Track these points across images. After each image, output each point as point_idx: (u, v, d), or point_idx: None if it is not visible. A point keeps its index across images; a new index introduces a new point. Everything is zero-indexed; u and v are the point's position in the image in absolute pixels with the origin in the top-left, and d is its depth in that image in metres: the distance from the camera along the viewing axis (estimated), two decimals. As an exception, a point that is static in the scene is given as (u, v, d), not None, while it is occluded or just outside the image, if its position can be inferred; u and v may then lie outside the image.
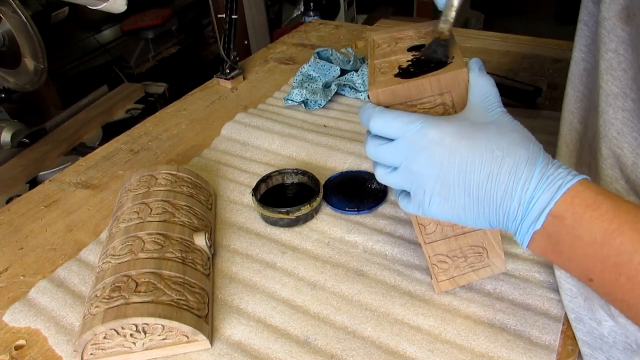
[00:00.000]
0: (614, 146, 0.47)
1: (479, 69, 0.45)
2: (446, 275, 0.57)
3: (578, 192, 0.37)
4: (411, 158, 0.42)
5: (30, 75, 1.04)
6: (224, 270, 0.65)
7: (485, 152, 0.39)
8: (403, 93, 0.45)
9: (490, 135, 0.40)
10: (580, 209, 0.37)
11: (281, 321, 0.57)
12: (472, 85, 0.44)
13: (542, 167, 0.39)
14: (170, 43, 2.50)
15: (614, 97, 0.46)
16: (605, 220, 0.36)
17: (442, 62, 0.46)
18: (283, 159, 0.86)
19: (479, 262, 0.56)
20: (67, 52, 2.04)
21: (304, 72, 1.08)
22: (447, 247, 0.55)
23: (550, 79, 1.03)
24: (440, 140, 0.41)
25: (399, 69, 0.48)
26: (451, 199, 0.42)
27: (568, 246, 0.38)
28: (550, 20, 3.88)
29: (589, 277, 0.38)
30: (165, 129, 1.00)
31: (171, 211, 0.64)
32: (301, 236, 0.69)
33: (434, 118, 0.42)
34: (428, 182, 0.42)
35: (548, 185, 0.38)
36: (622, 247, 0.35)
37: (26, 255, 0.71)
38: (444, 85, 0.45)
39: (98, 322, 0.50)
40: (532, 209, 0.38)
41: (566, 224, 0.37)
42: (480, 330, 0.54)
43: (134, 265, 0.55)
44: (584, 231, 0.36)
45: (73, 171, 0.89)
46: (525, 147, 0.40)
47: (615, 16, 0.45)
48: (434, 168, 0.41)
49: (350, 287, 0.61)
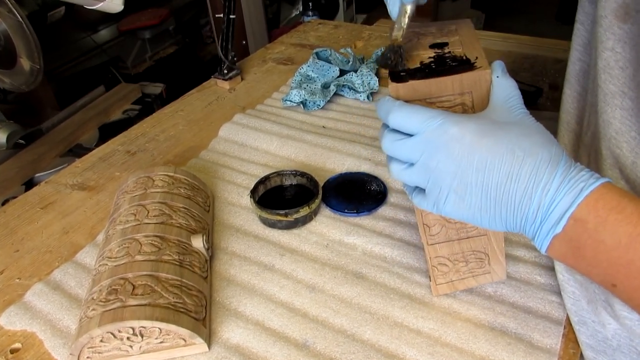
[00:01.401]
0: (612, 146, 0.47)
1: (502, 71, 0.45)
2: (445, 278, 0.57)
3: (601, 194, 0.37)
4: (429, 154, 0.42)
5: (26, 76, 1.04)
6: (222, 273, 0.65)
7: (505, 152, 0.39)
8: (424, 89, 0.46)
9: (512, 135, 0.40)
10: (603, 212, 0.36)
11: (279, 324, 0.57)
12: (494, 86, 0.44)
13: (564, 170, 0.38)
14: (168, 43, 2.50)
15: (611, 95, 0.47)
16: (630, 223, 0.35)
17: (466, 61, 0.46)
18: (281, 161, 0.86)
19: (480, 267, 0.56)
20: (63, 53, 2.04)
21: (302, 72, 1.08)
22: (450, 250, 0.55)
23: (552, 80, 1.03)
24: (461, 138, 0.40)
25: (420, 64, 0.48)
26: (468, 198, 0.41)
27: (590, 251, 0.37)
28: (552, 20, 3.89)
29: (612, 282, 0.37)
30: (162, 130, 1.00)
31: (168, 213, 0.64)
32: (300, 238, 0.69)
33: (456, 115, 0.42)
34: (445, 180, 0.42)
35: (570, 188, 0.37)
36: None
37: (22, 257, 0.71)
38: (466, 85, 0.45)
39: (95, 325, 0.50)
40: (553, 212, 0.38)
41: (588, 227, 0.36)
42: (480, 334, 0.54)
43: (130, 267, 0.55)
44: (608, 235, 0.35)
45: (69, 173, 0.89)
46: (548, 149, 0.39)
47: (612, 14, 0.45)
48: (452, 165, 0.41)
49: (350, 289, 0.61)
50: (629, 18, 0.44)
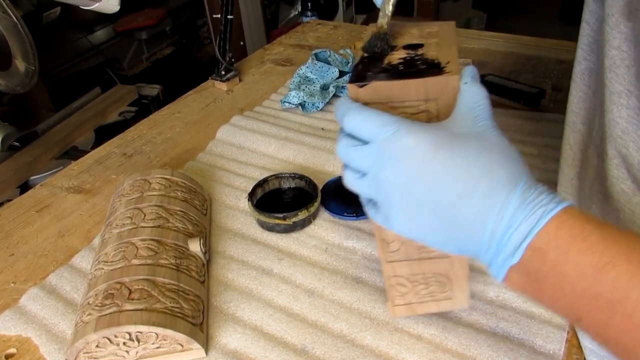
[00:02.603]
0: (619, 145, 0.47)
1: (472, 77, 0.41)
2: (404, 300, 0.53)
3: (563, 221, 0.33)
4: (380, 165, 0.39)
5: (21, 77, 1.04)
6: (220, 277, 0.65)
7: (460, 168, 0.36)
8: (385, 92, 0.42)
9: (469, 150, 0.37)
10: (565, 241, 0.33)
11: (278, 329, 0.57)
12: (461, 93, 0.41)
13: (522, 192, 0.35)
14: (165, 44, 2.50)
15: (617, 95, 0.46)
16: (596, 252, 0.32)
17: (436, 65, 0.43)
18: (280, 163, 0.87)
19: (441, 292, 0.52)
20: (59, 54, 2.05)
21: (301, 73, 1.08)
22: (409, 270, 0.51)
23: (555, 81, 1.03)
24: (414, 149, 0.37)
25: (387, 64, 0.45)
26: (418, 216, 0.38)
27: (552, 283, 0.33)
28: (555, 20, 3.89)
29: (578, 316, 0.34)
30: (159, 132, 1.00)
31: (165, 216, 0.64)
32: (298, 242, 0.69)
33: (412, 123, 0.39)
34: (395, 195, 0.39)
35: (528, 214, 0.34)
36: (617, 283, 0.31)
37: (17, 261, 0.71)
38: (431, 91, 0.42)
39: (90, 330, 0.50)
40: (509, 241, 0.34)
41: (549, 258, 0.33)
42: (482, 339, 0.54)
43: (127, 272, 0.55)
44: (571, 266, 0.32)
45: (65, 175, 0.89)
46: (507, 167, 0.36)
47: (618, 12, 0.45)
48: (403, 180, 0.38)
49: (349, 294, 0.61)
50: (634, 16, 0.44)
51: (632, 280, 0.30)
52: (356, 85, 0.42)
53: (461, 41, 1.29)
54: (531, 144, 0.84)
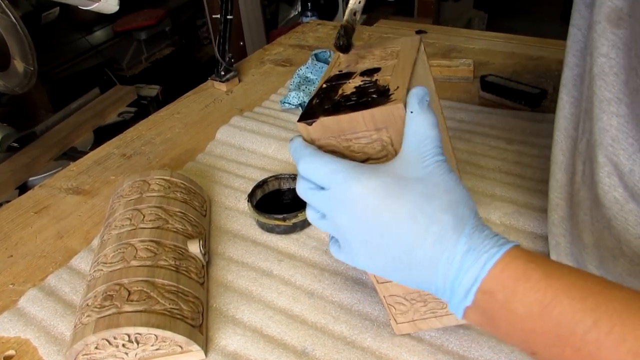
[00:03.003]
0: (610, 154, 0.47)
1: (418, 104, 0.41)
2: (406, 317, 0.53)
3: (506, 264, 0.35)
4: (336, 210, 0.41)
5: (20, 78, 1.04)
6: (219, 279, 0.65)
7: (407, 218, 0.37)
8: (334, 126, 0.42)
9: (415, 197, 0.38)
10: (510, 282, 0.34)
11: (278, 331, 0.57)
12: (407, 125, 0.41)
13: (468, 238, 0.37)
14: (164, 44, 2.51)
15: (607, 102, 0.47)
16: (539, 291, 0.33)
17: (385, 92, 0.43)
18: (280, 164, 0.87)
19: (441, 308, 0.51)
20: (57, 54, 2.05)
21: (301, 74, 1.09)
22: (403, 290, 0.50)
23: (556, 81, 1.03)
24: (364, 199, 0.39)
25: (341, 96, 0.45)
26: (376, 258, 0.40)
27: (504, 321, 0.35)
28: (556, 20, 3.89)
29: (532, 350, 0.35)
30: (158, 133, 1.00)
31: (164, 218, 0.64)
32: (298, 243, 0.69)
33: (360, 169, 0.40)
34: (353, 239, 0.41)
35: (475, 260, 0.36)
36: (562, 318, 0.32)
37: (16, 263, 0.71)
38: (379, 121, 0.41)
39: (89, 331, 0.50)
40: (460, 285, 0.36)
41: (498, 299, 0.35)
42: (483, 341, 0.54)
43: (126, 273, 0.55)
44: (519, 305, 0.34)
45: (64, 176, 0.89)
46: (453, 212, 0.38)
47: (605, 19, 0.45)
48: (357, 226, 0.40)
49: (349, 295, 0.61)
50: (623, 22, 0.44)
51: (575, 315, 0.32)
52: (305, 124, 0.43)
53: (462, 41, 1.29)
54: (532, 145, 0.84)
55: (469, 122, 0.93)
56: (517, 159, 0.81)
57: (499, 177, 0.78)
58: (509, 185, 0.76)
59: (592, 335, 0.31)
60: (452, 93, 1.04)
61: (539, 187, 0.74)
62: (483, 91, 1.00)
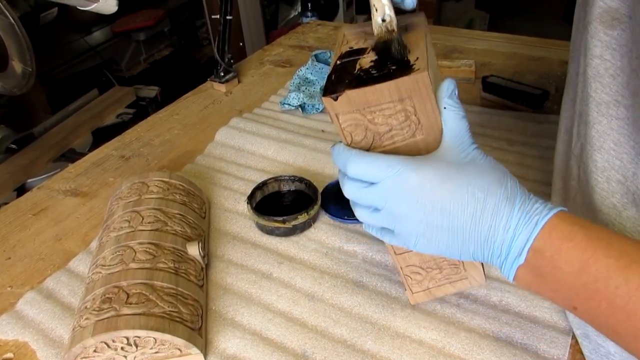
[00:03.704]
0: (612, 157, 0.47)
1: (450, 97, 0.44)
2: (421, 286, 0.56)
3: (554, 225, 0.40)
4: (393, 203, 0.44)
5: (18, 79, 1.04)
6: (218, 281, 0.65)
7: (467, 196, 0.42)
8: (360, 99, 0.44)
9: (470, 177, 0.42)
10: (557, 241, 0.39)
11: (278, 334, 0.57)
12: (444, 121, 0.45)
13: (520, 205, 0.41)
14: (163, 45, 2.51)
15: (605, 105, 0.47)
16: (581, 249, 0.38)
17: (405, 63, 0.44)
18: (279, 166, 0.87)
19: (455, 274, 0.55)
20: (56, 55, 2.05)
21: (301, 75, 1.09)
22: (420, 259, 0.54)
23: (559, 82, 1.03)
24: (422, 186, 0.43)
25: (359, 70, 0.46)
26: (435, 239, 0.44)
27: (550, 277, 0.40)
28: (559, 20, 3.89)
29: (573, 305, 0.40)
30: (157, 135, 1.00)
31: (163, 220, 0.64)
32: (298, 246, 0.69)
33: (413, 160, 0.44)
34: (412, 225, 0.44)
35: (527, 222, 0.40)
36: (598, 274, 0.37)
37: (14, 265, 0.71)
38: (404, 91, 0.43)
39: (88, 334, 0.50)
40: (514, 246, 0.41)
41: (546, 256, 0.40)
42: (485, 344, 0.54)
43: (125, 275, 0.55)
44: (563, 262, 0.39)
45: (62, 178, 0.89)
46: (504, 185, 0.42)
47: (597, 20, 0.45)
48: (418, 213, 0.43)
49: (350, 298, 0.61)
50: (617, 24, 0.44)
51: (609, 272, 0.37)
52: (331, 98, 0.44)
53: (464, 42, 1.29)
54: (534, 146, 0.84)
55: (470, 123, 0.92)
56: (519, 161, 0.82)
57: (501, 178, 0.78)
58: (510, 187, 0.76)
59: (623, 290, 0.36)
60: (454, 94, 1.04)
61: (541, 190, 0.74)
62: (484, 92, 1.00)
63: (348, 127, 0.46)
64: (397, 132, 0.46)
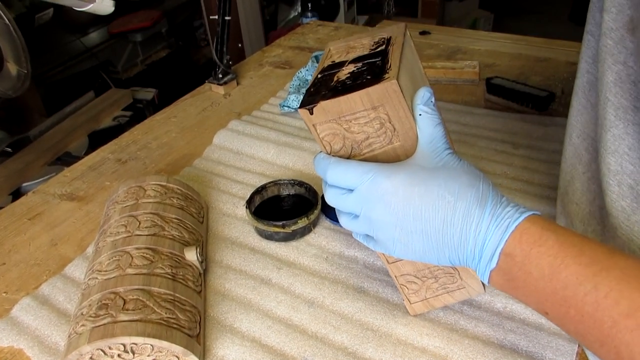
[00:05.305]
0: (625, 162, 0.48)
1: (425, 104, 0.46)
2: (418, 296, 0.57)
3: (525, 229, 0.41)
4: (369, 208, 0.46)
5: (13, 81, 1.05)
6: (217, 287, 0.65)
7: (437, 199, 0.43)
8: (334, 109, 0.46)
9: (440, 180, 0.44)
10: (527, 245, 0.40)
11: (277, 341, 0.58)
12: (418, 127, 0.46)
13: (492, 208, 0.43)
14: (160, 46, 2.52)
15: (624, 110, 0.47)
16: (551, 255, 0.39)
17: (379, 73, 0.47)
18: (279, 169, 0.87)
19: (452, 283, 0.55)
20: (51, 56, 2.06)
21: (301, 76, 1.09)
22: (413, 268, 0.54)
23: (565, 84, 1.04)
24: (394, 191, 0.44)
25: (336, 82, 0.49)
26: (411, 244, 0.45)
27: (521, 282, 0.41)
28: (565, 20, 3.90)
29: (545, 310, 0.41)
30: (154, 138, 1.01)
31: (161, 224, 0.65)
32: (298, 251, 0.70)
33: (388, 166, 0.46)
34: (388, 230, 0.46)
35: (498, 226, 0.42)
36: (567, 280, 0.38)
37: (9, 271, 0.71)
38: (375, 99, 0.45)
39: (84, 341, 0.50)
40: (486, 250, 0.42)
41: (517, 261, 0.41)
42: (489, 352, 0.54)
43: (121, 281, 0.56)
44: (533, 267, 0.40)
45: (58, 182, 0.90)
46: (476, 187, 0.43)
47: (623, 27, 0.46)
48: (391, 217, 0.45)
49: (351, 305, 0.61)
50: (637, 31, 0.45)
51: (579, 278, 0.37)
52: (307, 110, 0.47)
53: (468, 42, 1.30)
54: (540, 150, 0.84)
55: (474, 126, 0.93)
56: (524, 164, 0.82)
57: (506, 182, 0.78)
58: (515, 191, 0.76)
59: (591, 298, 0.36)
60: (457, 96, 1.04)
61: (546, 194, 0.74)
62: (489, 94, 1.00)
63: (326, 137, 0.49)
64: (374, 139, 0.48)
